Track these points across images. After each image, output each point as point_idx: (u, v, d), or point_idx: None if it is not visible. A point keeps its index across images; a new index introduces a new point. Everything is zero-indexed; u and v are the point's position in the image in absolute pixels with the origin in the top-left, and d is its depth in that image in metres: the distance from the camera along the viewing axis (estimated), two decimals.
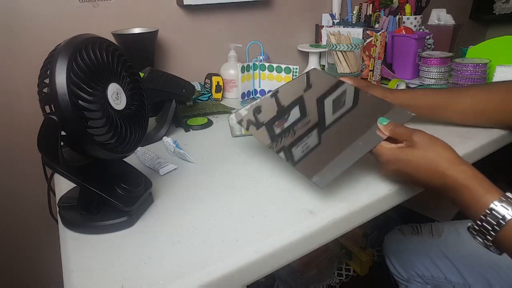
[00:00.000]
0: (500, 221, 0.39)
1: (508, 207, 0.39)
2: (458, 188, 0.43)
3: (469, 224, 0.43)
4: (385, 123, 0.51)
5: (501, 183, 0.41)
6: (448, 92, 0.67)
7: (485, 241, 0.41)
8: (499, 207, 0.39)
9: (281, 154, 0.52)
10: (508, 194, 0.40)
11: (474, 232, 0.42)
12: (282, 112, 0.60)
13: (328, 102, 0.60)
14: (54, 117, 0.38)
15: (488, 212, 0.40)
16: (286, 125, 0.57)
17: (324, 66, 1.23)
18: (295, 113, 0.59)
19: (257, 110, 0.62)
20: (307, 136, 0.54)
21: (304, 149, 0.52)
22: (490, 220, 0.39)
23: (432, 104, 0.66)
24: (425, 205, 1.42)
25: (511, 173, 1.40)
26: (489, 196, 0.40)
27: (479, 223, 0.40)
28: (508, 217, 0.38)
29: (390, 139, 0.50)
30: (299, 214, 0.47)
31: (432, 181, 0.45)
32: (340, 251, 1.32)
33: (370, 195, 0.51)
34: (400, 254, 0.84)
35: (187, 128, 0.80)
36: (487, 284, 0.69)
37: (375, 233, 1.30)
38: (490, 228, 0.39)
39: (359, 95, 0.60)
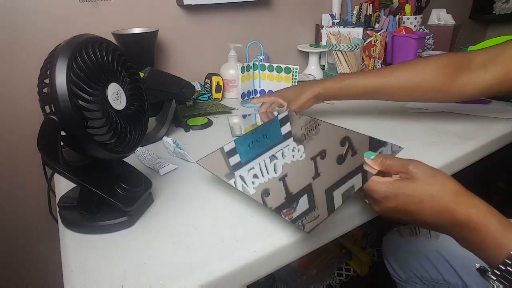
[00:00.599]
0: None
1: None
2: (471, 226, 0.37)
3: (479, 266, 0.38)
4: (372, 156, 0.45)
5: (501, 183, 0.40)
6: (378, 76, 0.66)
7: None
8: None
9: (258, 199, 0.46)
10: None
11: (493, 277, 0.36)
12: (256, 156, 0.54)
13: (305, 144, 0.55)
14: (54, 117, 0.38)
15: None
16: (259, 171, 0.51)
17: (324, 66, 1.23)
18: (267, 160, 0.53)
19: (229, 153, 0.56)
20: (289, 181, 0.48)
21: (288, 196, 0.45)
22: None
23: (362, 91, 0.67)
24: None
25: (511, 173, 1.40)
26: (510, 235, 0.35)
27: (503, 267, 0.34)
28: None
29: (380, 174, 0.44)
30: None
31: (438, 219, 0.39)
32: (340, 251, 1.32)
33: None
34: (398, 255, 0.84)
35: (187, 128, 0.80)
36: (484, 286, 0.69)
37: (375, 233, 1.30)
38: None
39: (334, 130, 0.55)
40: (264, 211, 0.48)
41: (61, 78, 0.37)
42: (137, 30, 0.90)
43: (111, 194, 0.46)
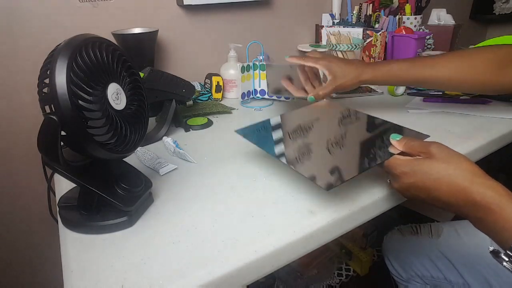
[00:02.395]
0: None
1: None
2: (487, 207, 0.37)
3: (492, 248, 0.38)
4: (398, 138, 0.47)
5: (501, 183, 0.40)
6: (427, 65, 0.65)
7: None
8: None
9: (285, 161, 0.51)
10: None
11: (505, 258, 0.37)
12: (293, 127, 0.60)
13: (338, 123, 0.60)
14: (54, 117, 0.38)
15: None
16: (296, 138, 0.56)
17: None
18: (305, 129, 0.59)
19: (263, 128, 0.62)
20: (317, 149, 0.53)
21: (311, 159, 0.50)
22: None
23: (410, 81, 0.66)
24: (425, 205, 1.42)
25: (511, 173, 1.40)
26: None
27: None
28: None
29: (403, 154, 0.46)
30: (299, 214, 0.47)
31: (454, 197, 0.40)
32: (340, 251, 1.32)
33: (370, 195, 0.51)
34: (399, 255, 0.84)
35: (187, 128, 0.80)
36: (486, 284, 0.69)
37: (375, 233, 1.30)
38: None
39: (373, 121, 0.59)
40: (264, 211, 0.48)
41: (61, 78, 0.37)
42: (137, 30, 0.90)
43: (111, 194, 0.46)
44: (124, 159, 0.50)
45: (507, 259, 0.36)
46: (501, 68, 0.60)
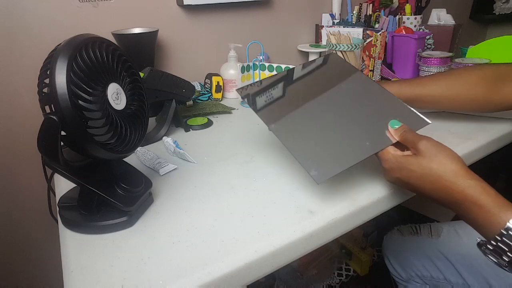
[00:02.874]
0: None
1: None
2: (466, 205, 0.40)
3: (479, 240, 0.40)
4: (396, 126, 0.48)
5: (501, 183, 0.40)
6: (418, 84, 0.65)
7: (500, 261, 0.38)
8: None
9: (281, 137, 0.50)
10: None
11: (487, 251, 0.39)
12: (292, 93, 0.57)
13: (341, 92, 0.57)
14: (54, 117, 0.38)
15: (505, 232, 0.36)
16: (292, 108, 0.54)
17: None
18: (304, 97, 0.56)
19: (265, 88, 0.59)
20: (313, 123, 0.51)
21: (307, 138, 0.49)
22: (507, 240, 0.36)
23: (405, 98, 0.65)
24: (425, 205, 1.42)
25: (511, 173, 1.40)
26: (503, 214, 0.37)
27: (494, 243, 0.38)
28: None
29: (398, 145, 0.48)
30: (299, 214, 0.48)
31: (436, 194, 0.43)
32: (340, 251, 1.32)
33: (370, 195, 0.51)
34: (399, 255, 0.84)
35: (187, 128, 0.80)
36: (486, 284, 0.69)
37: (375, 233, 1.30)
38: (507, 249, 0.37)
39: (376, 90, 0.56)
40: (264, 211, 0.48)
41: (61, 78, 0.37)
42: (137, 30, 0.90)
43: (111, 194, 0.46)
44: (124, 159, 0.50)
45: (488, 252, 0.39)
46: (492, 84, 0.61)
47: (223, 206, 0.50)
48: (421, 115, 0.51)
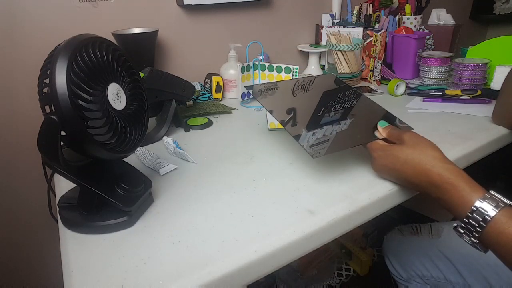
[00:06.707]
0: (486, 217, 0.39)
1: (492, 204, 0.39)
2: (443, 186, 0.43)
3: (455, 224, 0.43)
4: (384, 126, 0.55)
5: (501, 183, 0.41)
6: None
7: (472, 239, 0.41)
8: (484, 204, 0.39)
9: (286, 125, 0.55)
10: (492, 191, 0.41)
11: (461, 231, 0.42)
12: (299, 97, 0.64)
13: (341, 103, 0.63)
14: (54, 117, 0.38)
15: (474, 209, 0.40)
16: (297, 108, 0.60)
17: (324, 66, 1.23)
18: (310, 101, 0.62)
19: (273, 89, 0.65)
20: (314, 120, 0.57)
21: (310, 129, 0.55)
22: (476, 217, 0.39)
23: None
24: (425, 205, 1.42)
25: (511, 173, 1.40)
26: (474, 194, 0.41)
27: (466, 220, 0.41)
28: (493, 213, 0.38)
29: (386, 141, 0.53)
30: (299, 214, 0.47)
31: (417, 178, 0.46)
32: (340, 251, 1.32)
33: (370, 195, 0.51)
34: (399, 254, 0.84)
35: (187, 128, 0.80)
36: (486, 284, 0.69)
37: (375, 233, 1.30)
38: (476, 225, 0.40)
39: (372, 106, 0.64)
40: (264, 211, 0.48)
41: (61, 78, 0.37)
42: (137, 30, 0.90)
43: (111, 194, 0.46)
44: (124, 159, 0.50)
45: (462, 231, 0.42)
46: None
47: (223, 206, 0.50)
48: (406, 125, 0.58)
